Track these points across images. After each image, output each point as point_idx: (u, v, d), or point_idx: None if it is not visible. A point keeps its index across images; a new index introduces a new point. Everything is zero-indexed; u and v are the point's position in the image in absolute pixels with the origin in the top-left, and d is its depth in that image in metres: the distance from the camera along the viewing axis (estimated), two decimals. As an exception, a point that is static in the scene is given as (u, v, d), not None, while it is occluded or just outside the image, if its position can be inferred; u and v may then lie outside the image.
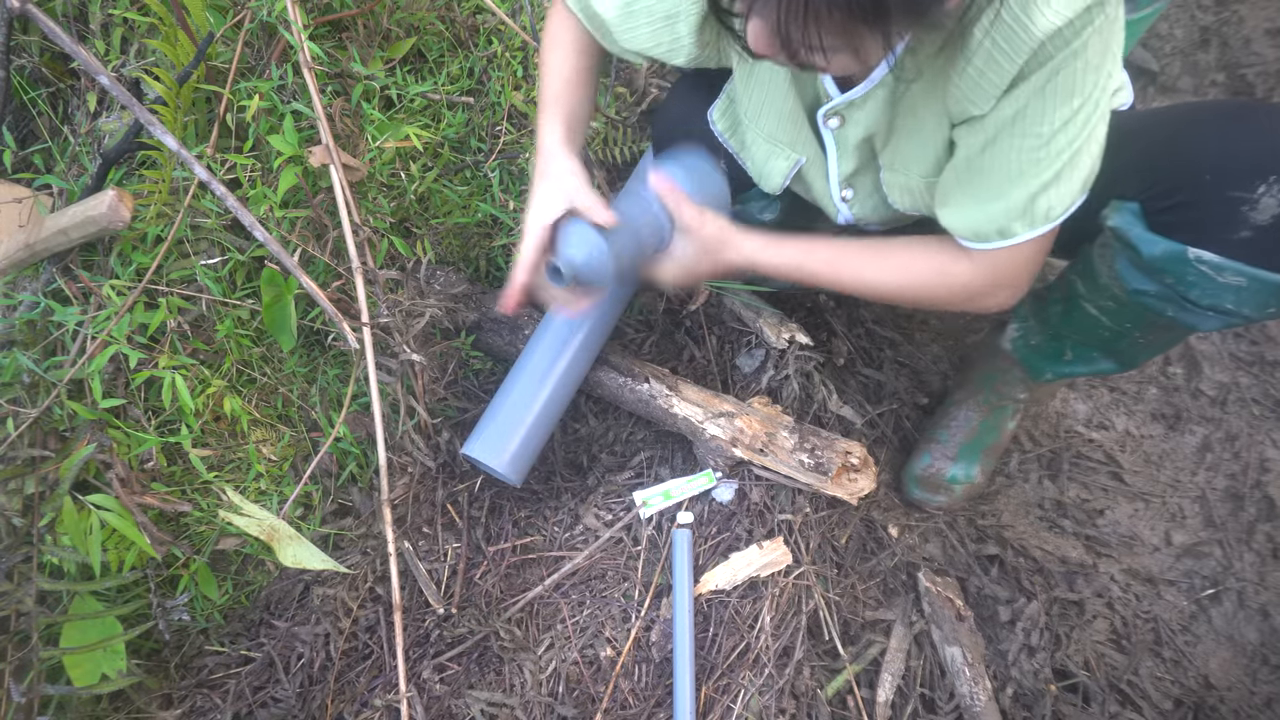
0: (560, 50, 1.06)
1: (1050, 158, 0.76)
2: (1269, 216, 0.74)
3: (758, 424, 1.22)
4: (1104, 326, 0.97)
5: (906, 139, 0.89)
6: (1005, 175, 0.79)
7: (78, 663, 1.07)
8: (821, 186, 1.02)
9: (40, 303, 1.17)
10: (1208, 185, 0.77)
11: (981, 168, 0.81)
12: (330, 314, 1.15)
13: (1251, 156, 0.75)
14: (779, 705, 1.09)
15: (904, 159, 0.91)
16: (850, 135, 0.92)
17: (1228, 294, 0.79)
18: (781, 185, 1.03)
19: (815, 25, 0.60)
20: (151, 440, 1.17)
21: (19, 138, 1.35)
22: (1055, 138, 0.75)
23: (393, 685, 1.16)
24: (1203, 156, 0.78)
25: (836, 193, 1.01)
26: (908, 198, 0.95)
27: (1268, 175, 0.74)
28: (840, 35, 0.62)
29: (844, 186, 1.00)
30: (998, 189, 0.80)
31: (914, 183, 0.92)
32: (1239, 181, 0.75)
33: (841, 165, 0.96)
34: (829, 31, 0.61)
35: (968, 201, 0.84)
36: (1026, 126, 0.76)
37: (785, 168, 1.01)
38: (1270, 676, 1.18)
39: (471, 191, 1.45)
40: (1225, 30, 1.68)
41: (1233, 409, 1.38)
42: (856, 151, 0.94)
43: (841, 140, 0.93)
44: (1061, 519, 1.30)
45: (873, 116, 0.89)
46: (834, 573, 1.21)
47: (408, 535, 1.27)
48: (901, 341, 1.42)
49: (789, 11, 0.60)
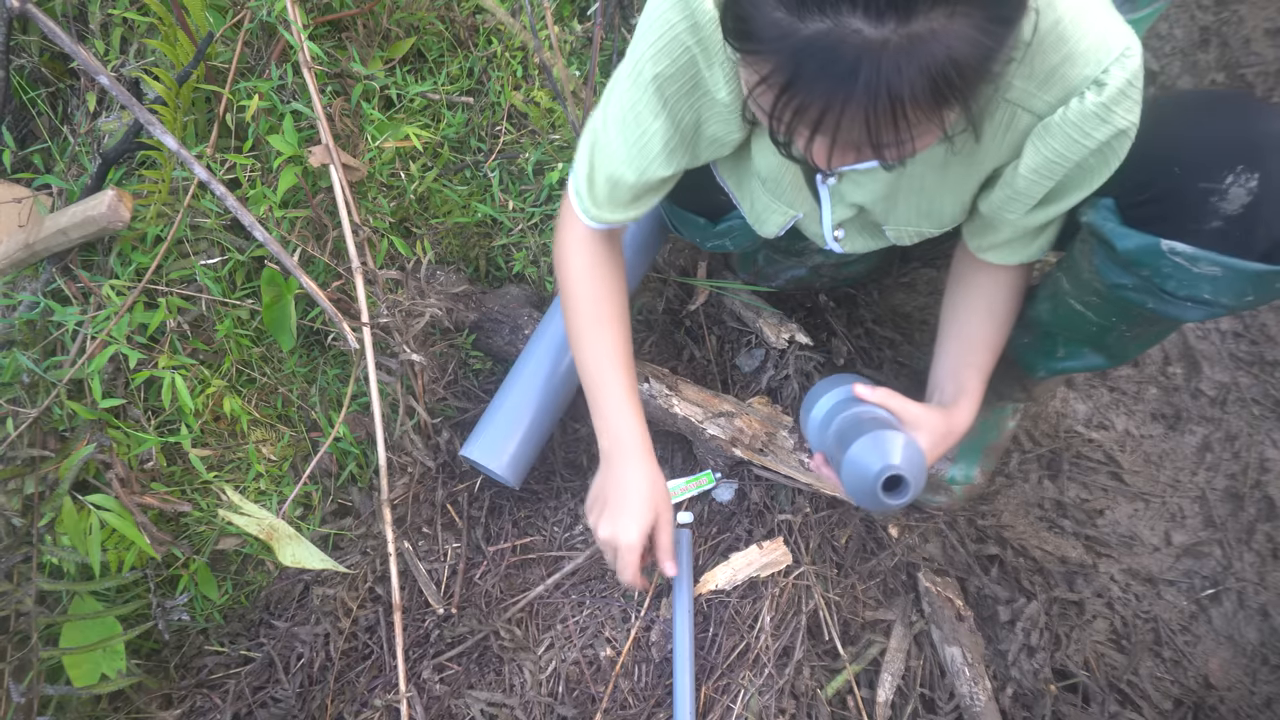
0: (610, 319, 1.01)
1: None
2: (1238, 206, 0.75)
3: (758, 424, 1.22)
4: (1090, 322, 0.97)
5: (913, 208, 0.93)
6: (1051, 228, 0.91)
7: (77, 663, 1.07)
8: (815, 230, 1.04)
9: (40, 303, 1.17)
10: (1178, 177, 0.78)
11: (1029, 230, 0.90)
12: (330, 314, 1.15)
13: (1218, 147, 0.76)
14: (779, 705, 1.09)
15: (913, 220, 0.95)
16: (846, 193, 0.93)
17: (1204, 284, 0.79)
18: (777, 234, 1.05)
19: (906, 124, 0.59)
20: (151, 440, 1.17)
21: (18, 138, 1.35)
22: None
23: (393, 685, 1.16)
24: (1172, 149, 0.79)
25: (829, 233, 1.03)
26: (918, 239, 0.99)
27: (1235, 165, 0.74)
28: (928, 122, 0.61)
29: (836, 228, 1.02)
30: (1045, 235, 0.92)
31: (926, 231, 0.97)
32: (1207, 172, 0.76)
33: (835, 214, 0.98)
34: (917, 122, 0.60)
35: (1014, 249, 0.94)
36: (1059, 205, 0.85)
37: (782, 221, 1.02)
38: (1270, 676, 1.18)
39: (471, 191, 1.45)
40: (1225, 30, 1.68)
41: (1233, 409, 1.38)
42: (853, 207, 0.96)
43: (837, 195, 0.95)
44: (1061, 519, 1.30)
45: (875, 189, 0.91)
46: (834, 573, 1.21)
47: (407, 535, 1.27)
48: (901, 341, 1.42)
49: (880, 126, 0.59)
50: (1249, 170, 0.74)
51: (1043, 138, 0.75)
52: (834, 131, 0.60)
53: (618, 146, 0.90)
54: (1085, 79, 0.71)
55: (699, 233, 1.14)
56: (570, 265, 1.02)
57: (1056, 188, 0.81)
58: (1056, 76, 0.71)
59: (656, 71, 0.81)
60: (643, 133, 0.87)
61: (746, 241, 1.15)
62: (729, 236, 1.14)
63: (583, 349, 1.03)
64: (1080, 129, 0.72)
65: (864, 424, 0.90)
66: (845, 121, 0.59)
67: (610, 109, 0.89)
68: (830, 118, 0.59)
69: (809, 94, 0.58)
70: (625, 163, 0.90)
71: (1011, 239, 0.92)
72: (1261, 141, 0.75)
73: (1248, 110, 0.78)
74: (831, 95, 0.57)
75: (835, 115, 0.58)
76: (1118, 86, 0.70)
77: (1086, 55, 0.70)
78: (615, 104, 0.88)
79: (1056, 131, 0.74)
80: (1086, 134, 0.73)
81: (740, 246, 1.18)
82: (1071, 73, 0.71)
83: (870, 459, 0.85)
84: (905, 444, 0.85)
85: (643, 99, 0.84)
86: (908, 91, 0.56)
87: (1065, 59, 0.70)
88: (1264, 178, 0.74)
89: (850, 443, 0.88)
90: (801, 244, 1.22)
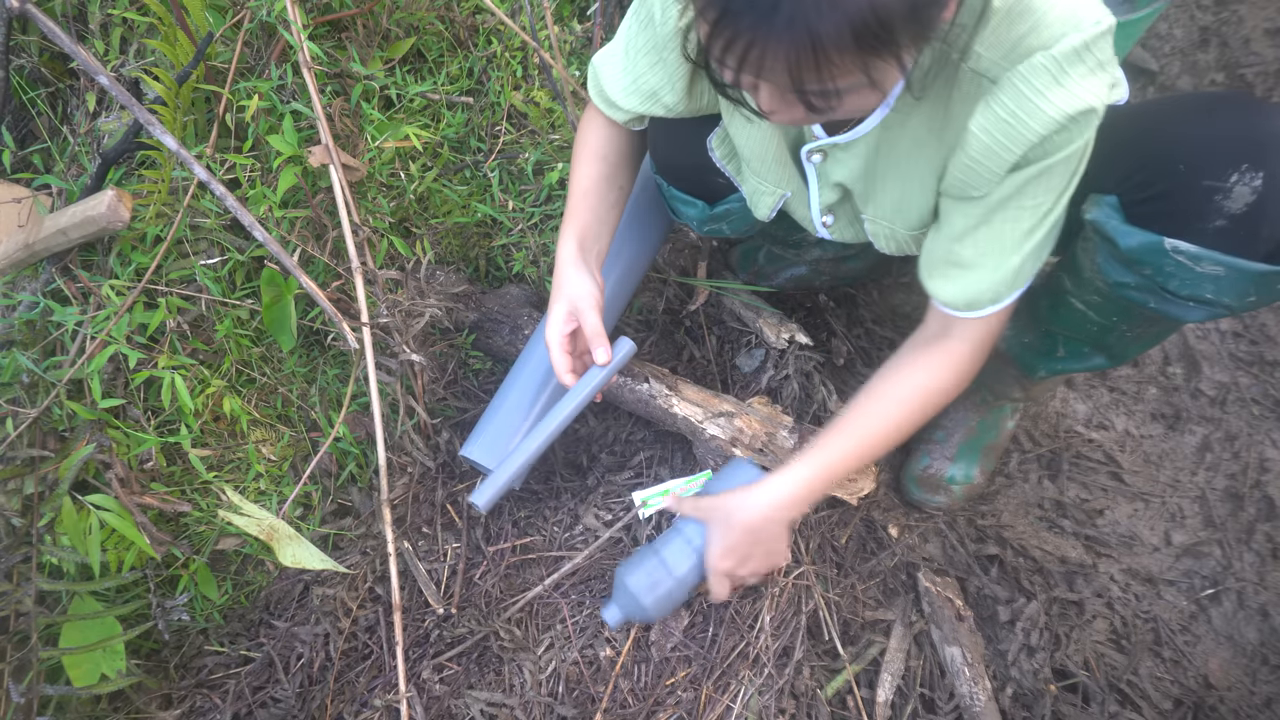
0: (581, 161, 1.09)
1: (1042, 226, 0.81)
2: (1242, 205, 0.75)
3: (757, 424, 1.22)
4: (1091, 321, 0.97)
5: (889, 195, 0.91)
6: (1001, 249, 0.82)
7: (77, 663, 1.07)
8: (804, 214, 1.05)
9: (39, 303, 1.17)
10: (1182, 176, 0.77)
11: (976, 242, 0.83)
12: (330, 314, 1.15)
13: (1223, 146, 0.76)
14: (779, 705, 1.09)
15: (888, 213, 0.94)
16: (831, 172, 0.94)
17: (1206, 284, 0.79)
18: (769, 215, 1.06)
19: (830, 70, 0.60)
20: (151, 440, 1.17)
21: (18, 138, 1.35)
22: (1052, 210, 0.79)
23: (392, 685, 1.16)
24: (1176, 147, 0.79)
25: (818, 218, 1.04)
26: (892, 244, 0.99)
27: (1239, 164, 0.74)
28: (855, 72, 0.61)
29: (825, 213, 1.03)
30: (995, 262, 0.83)
31: (899, 233, 0.96)
32: (1212, 171, 0.76)
33: (822, 196, 0.99)
34: (843, 73, 0.61)
35: (962, 275, 0.86)
36: (1024, 202, 0.79)
37: (772, 202, 1.03)
38: (1270, 676, 1.18)
39: (471, 191, 1.45)
40: (1224, 30, 1.68)
41: (1232, 409, 1.38)
42: (837, 188, 0.96)
43: (823, 175, 0.95)
44: (1061, 519, 1.30)
45: (854, 166, 0.91)
46: (834, 573, 1.21)
47: (407, 535, 1.27)
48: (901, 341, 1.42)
49: (801, 66, 0.60)
50: (1254, 169, 0.74)
51: (994, 93, 0.72)
52: (758, 70, 0.62)
53: (611, 55, 1.01)
54: (1045, 45, 0.69)
55: (697, 216, 1.16)
56: (580, 126, 1.12)
57: (1019, 163, 0.76)
58: (1021, 46, 0.70)
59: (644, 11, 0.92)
60: (626, 61, 0.98)
61: (743, 226, 1.16)
62: (725, 220, 1.15)
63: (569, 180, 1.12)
64: (1029, 82, 0.69)
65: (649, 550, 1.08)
66: (769, 60, 0.60)
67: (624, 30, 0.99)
68: (755, 53, 0.60)
69: (736, 27, 0.60)
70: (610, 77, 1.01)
71: (963, 240, 0.84)
72: (1266, 141, 0.74)
73: (1252, 109, 0.77)
74: (756, 29, 0.59)
75: (760, 51, 0.60)
76: (1072, 45, 0.68)
77: (1052, 26, 0.69)
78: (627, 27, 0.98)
79: (1006, 86, 0.71)
80: (1037, 90, 0.69)
81: (737, 231, 1.18)
82: (1035, 42, 0.69)
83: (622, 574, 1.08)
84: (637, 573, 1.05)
85: (641, 9, 0.93)
86: (827, 30, 0.57)
87: (1031, 29, 0.69)
88: (1269, 177, 0.73)
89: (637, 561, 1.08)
90: (799, 235, 1.23)
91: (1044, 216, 0.80)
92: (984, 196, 0.80)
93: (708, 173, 1.08)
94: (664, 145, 1.10)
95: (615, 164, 1.10)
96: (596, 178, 1.08)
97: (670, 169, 1.12)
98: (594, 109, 1.09)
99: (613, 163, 1.09)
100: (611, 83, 1.02)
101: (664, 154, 1.11)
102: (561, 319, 1.05)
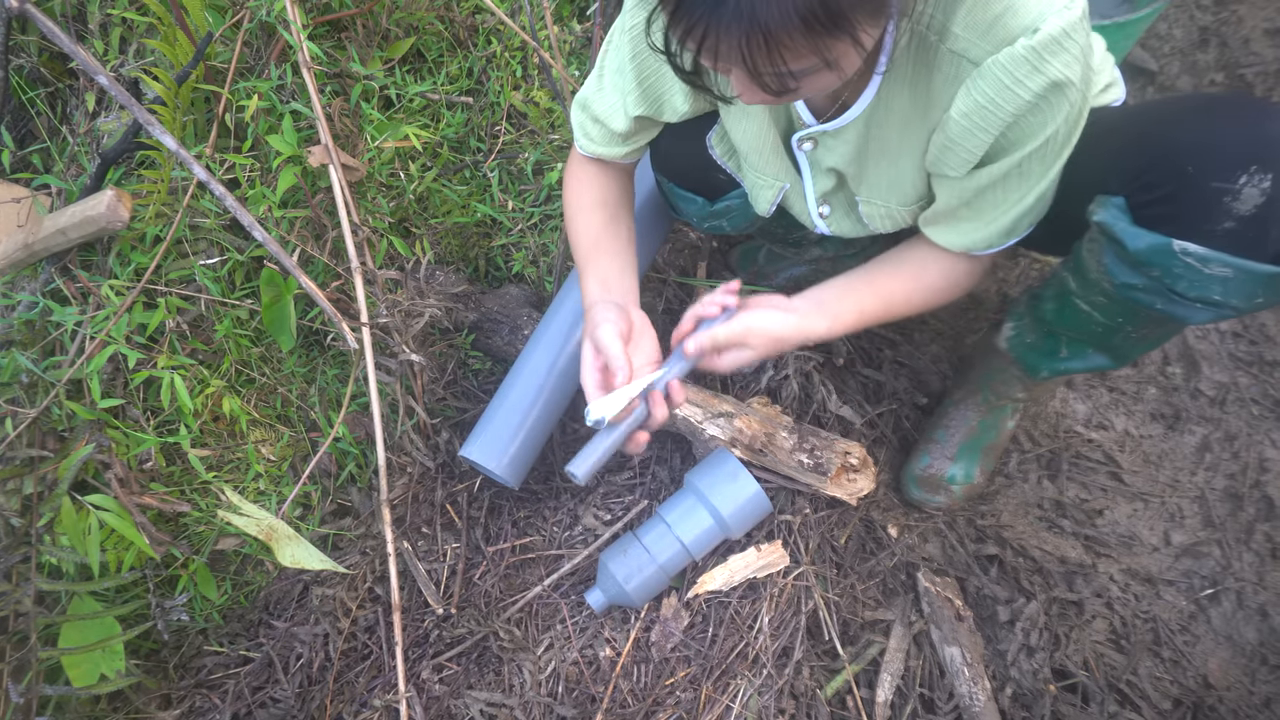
0: (581, 213, 1.07)
1: (1037, 187, 0.85)
2: (1251, 206, 0.75)
3: (757, 424, 1.22)
4: (1096, 322, 0.97)
5: (882, 175, 0.93)
6: (994, 210, 0.87)
7: (76, 663, 1.07)
8: (801, 206, 1.06)
9: (39, 303, 1.17)
10: (1190, 177, 0.77)
11: (971, 203, 0.88)
12: (329, 314, 1.15)
13: (1232, 147, 0.76)
14: (778, 705, 1.09)
15: (882, 193, 0.96)
16: (823, 159, 0.95)
17: (1214, 285, 0.79)
18: (770, 209, 1.07)
19: (780, 53, 0.62)
20: (150, 440, 1.17)
21: (17, 138, 1.35)
22: (1044, 177, 0.83)
23: (392, 685, 1.16)
24: (1184, 148, 0.79)
25: (814, 209, 1.04)
26: (889, 222, 1.00)
27: (1248, 165, 0.74)
28: (809, 54, 0.63)
29: (821, 204, 1.03)
30: (989, 218, 0.88)
31: (895, 210, 0.97)
32: (1220, 172, 0.75)
33: (817, 185, 1.00)
34: (796, 55, 0.62)
35: (958, 228, 0.91)
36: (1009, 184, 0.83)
37: (771, 195, 1.04)
38: (1269, 676, 1.18)
39: (470, 191, 1.45)
40: (1224, 30, 1.68)
41: (1232, 409, 1.38)
42: (830, 174, 0.97)
43: (815, 162, 0.96)
44: (1061, 519, 1.30)
45: (845, 151, 0.92)
46: (833, 573, 1.21)
47: (407, 535, 1.27)
48: (901, 341, 1.42)
49: (752, 51, 0.61)
50: (1262, 170, 0.73)
51: (975, 80, 0.75)
52: (714, 55, 0.64)
53: (595, 88, 1.02)
54: (1024, 28, 0.71)
55: (697, 212, 1.16)
56: (565, 184, 1.12)
57: (995, 147, 0.80)
58: (998, 26, 0.72)
59: (633, 24, 0.92)
60: (617, 78, 0.97)
61: (743, 223, 1.17)
62: (725, 217, 1.15)
63: (571, 242, 1.11)
64: (1010, 73, 0.73)
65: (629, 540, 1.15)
66: (723, 47, 0.62)
67: (607, 55, 0.99)
68: (710, 41, 0.62)
69: (691, 16, 0.62)
70: (602, 105, 1.01)
71: (955, 208, 0.90)
72: (1275, 142, 0.74)
73: (1259, 111, 0.77)
74: (709, 18, 0.61)
75: (714, 39, 0.62)
76: (1051, 33, 0.70)
77: (1029, 6, 0.71)
78: (610, 49, 0.98)
79: (987, 74, 0.74)
80: (1018, 80, 0.73)
81: (737, 228, 1.18)
82: (1013, 23, 0.72)
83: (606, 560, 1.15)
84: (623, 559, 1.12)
85: (622, 45, 0.95)
86: (773, 16, 0.59)
87: (1008, 8, 0.72)
88: (1277, 178, 0.73)
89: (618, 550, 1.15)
90: (799, 234, 1.23)
91: (1036, 183, 0.83)
92: (962, 178, 0.84)
93: (708, 170, 1.08)
94: (664, 144, 1.10)
95: (616, 208, 1.08)
96: (602, 225, 1.06)
97: (671, 168, 1.13)
98: (579, 163, 1.08)
99: (613, 207, 1.08)
100: (606, 107, 1.00)
101: (665, 153, 1.11)
102: (589, 361, 0.99)
